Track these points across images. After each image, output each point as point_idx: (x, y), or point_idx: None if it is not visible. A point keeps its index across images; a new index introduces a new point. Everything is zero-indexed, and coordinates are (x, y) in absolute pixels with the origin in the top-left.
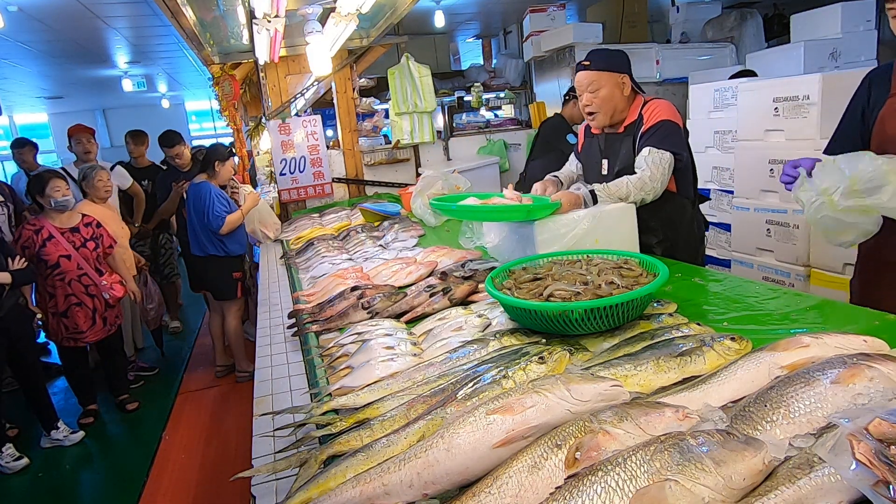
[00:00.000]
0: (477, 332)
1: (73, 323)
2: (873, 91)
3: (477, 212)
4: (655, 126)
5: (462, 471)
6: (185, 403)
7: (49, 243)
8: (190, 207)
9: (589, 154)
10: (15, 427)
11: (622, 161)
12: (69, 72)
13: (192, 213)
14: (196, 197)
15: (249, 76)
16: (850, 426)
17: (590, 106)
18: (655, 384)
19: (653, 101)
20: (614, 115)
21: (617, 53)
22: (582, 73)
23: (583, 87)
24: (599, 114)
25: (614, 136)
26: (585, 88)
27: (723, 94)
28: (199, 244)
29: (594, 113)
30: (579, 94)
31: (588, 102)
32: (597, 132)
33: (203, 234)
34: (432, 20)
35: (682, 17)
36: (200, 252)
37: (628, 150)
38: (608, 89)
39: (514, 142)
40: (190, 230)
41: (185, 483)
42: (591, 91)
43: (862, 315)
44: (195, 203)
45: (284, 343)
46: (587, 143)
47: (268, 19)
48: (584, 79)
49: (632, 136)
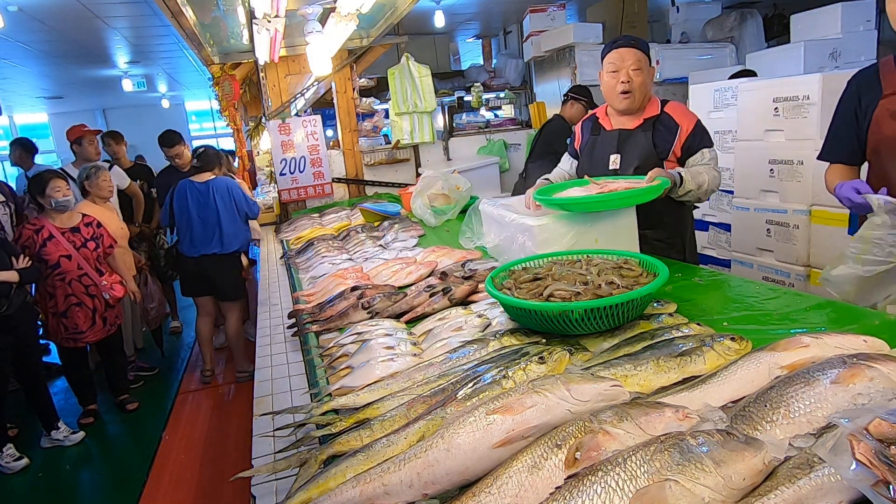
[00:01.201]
0: (477, 332)
1: (72, 323)
2: (863, 94)
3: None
4: (699, 128)
5: (462, 471)
6: (185, 403)
7: (49, 243)
8: (210, 204)
9: (594, 150)
10: (15, 427)
11: (640, 156)
12: (69, 72)
13: (215, 210)
14: (223, 192)
15: (249, 76)
16: (850, 426)
17: (628, 83)
18: (655, 384)
19: (673, 102)
20: (643, 101)
21: (645, 42)
22: (629, 50)
23: (626, 65)
24: (634, 93)
25: (628, 131)
26: (629, 66)
27: (723, 94)
28: (222, 241)
29: (630, 92)
30: (616, 70)
31: (627, 80)
32: (609, 128)
33: (230, 229)
34: (432, 20)
35: (682, 17)
36: (220, 249)
37: (646, 143)
38: (646, 73)
39: (514, 142)
40: (204, 229)
41: (185, 483)
42: (633, 69)
43: (862, 315)
44: (222, 198)
45: (284, 343)
46: (591, 139)
47: (268, 19)
48: (630, 56)
49: (650, 132)
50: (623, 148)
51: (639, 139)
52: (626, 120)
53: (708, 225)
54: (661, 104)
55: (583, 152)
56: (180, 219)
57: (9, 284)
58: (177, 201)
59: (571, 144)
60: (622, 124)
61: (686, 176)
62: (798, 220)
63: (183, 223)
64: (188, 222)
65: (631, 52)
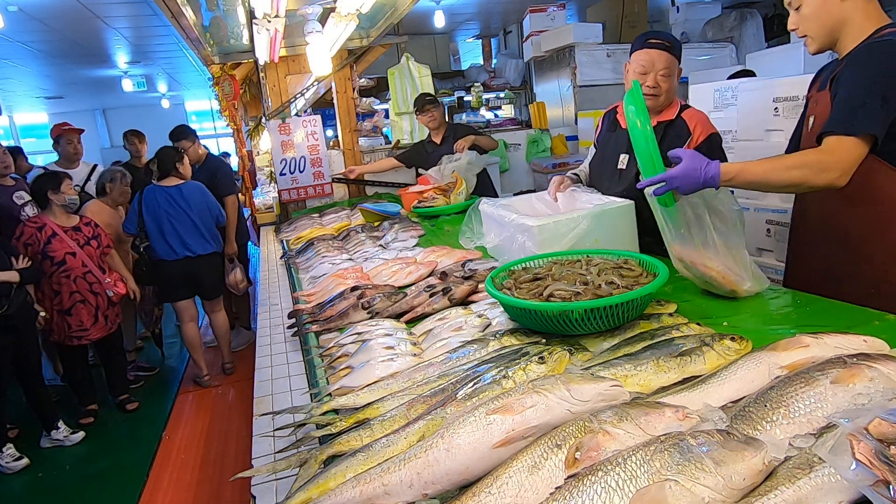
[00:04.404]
0: (477, 332)
1: (77, 320)
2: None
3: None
4: (712, 141)
5: (462, 471)
6: (185, 403)
7: (54, 240)
8: (195, 204)
9: (607, 147)
10: (15, 427)
11: None
12: (69, 72)
13: (199, 210)
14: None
15: (249, 76)
16: (850, 426)
17: (656, 88)
18: (655, 384)
19: (691, 109)
20: (665, 104)
21: (678, 42)
22: (660, 53)
23: (656, 68)
24: (661, 97)
25: None
26: (658, 70)
27: (723, 94)
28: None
29: (657, 96)
30: (645, 72)
31: (654, 84)
32: (624, 126)
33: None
34: (432, 20)
35: (682, 17)
36: (203, 250)
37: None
38: (675, 78)
39: (514, 142)
40: (189, 230)
41: (185, 483)
42: (662, 74)
43: (862, 315)
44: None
45: (284, 343)
46: (607, 135)
47: (268, 19)
48: (662, 60)
49: (661, 135)
50: (632, 149)
51: None
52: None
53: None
54: (680, 108)
55: (598, 145)
56: (151, 224)
57: (9, 284)
58: (148, 207)
59: (596, 133)
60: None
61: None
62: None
63: (154, 229)
64: (167, 226)
65: (663, 56)
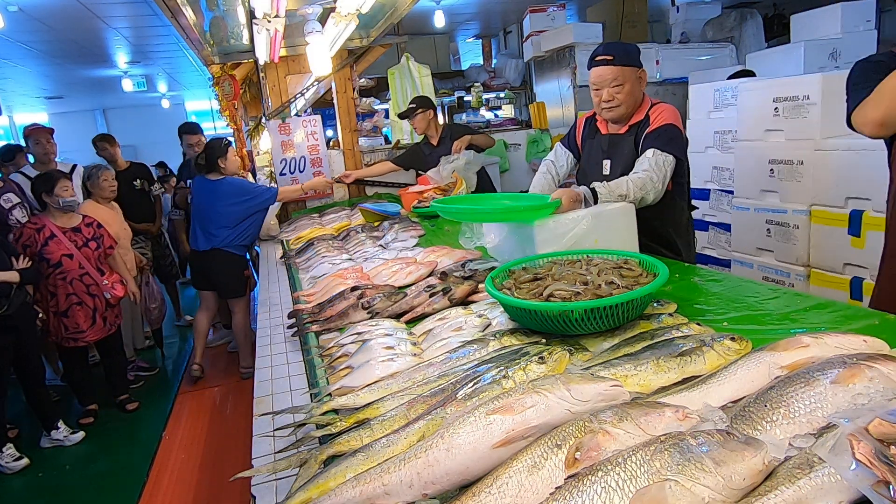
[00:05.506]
0: (477, 332)
1: (73, 322)
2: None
3: (476, 213)
4: (661, 129)
5: (462, 471)
6: (185, 403)
7: (51, 242)
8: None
9: (590, 154)
10: (15, 427)
11: (626, 161)
12: (69, 72)
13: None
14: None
15: (249, 76)
16: (850, 426)
17: (611, 101)
18: (655, 384)
19: (660, 105)
20: (633, 108)
21: (633, 47)
22: (605, 69)
23: (605, 83)
24: (622, 107)
25: (618, 136)
26: (608, 84)
27: (723, 94)
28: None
29: (617, 107)
30: (597, 88)
31: (610, 98)
32: (604, 132)
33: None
34: (432, 20)
35: (682, 17)
36: (206, 246)
37: (631, 149)
38: (630, 84)
39: (514, 142)
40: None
41: (185, 483)
42: (614, 87)
43: (862, 315)
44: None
45: (284, 343)
46: (588, 141)
47: (268, 19)
48: (608, 74)
49: (634, 137)
50: (612, 154)
51: (625, 145)
52: (616, 125)
53: (708, 225)
54: (650, 106)
55: (583, 151)
56: (193, 212)
57: (9, 284)
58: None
59: (569, 135)
60: (613, 129)
61: (601, 192)
62: (798, 220)
63: (192, 217)
64: (195, 217)
65: (608, 70)
